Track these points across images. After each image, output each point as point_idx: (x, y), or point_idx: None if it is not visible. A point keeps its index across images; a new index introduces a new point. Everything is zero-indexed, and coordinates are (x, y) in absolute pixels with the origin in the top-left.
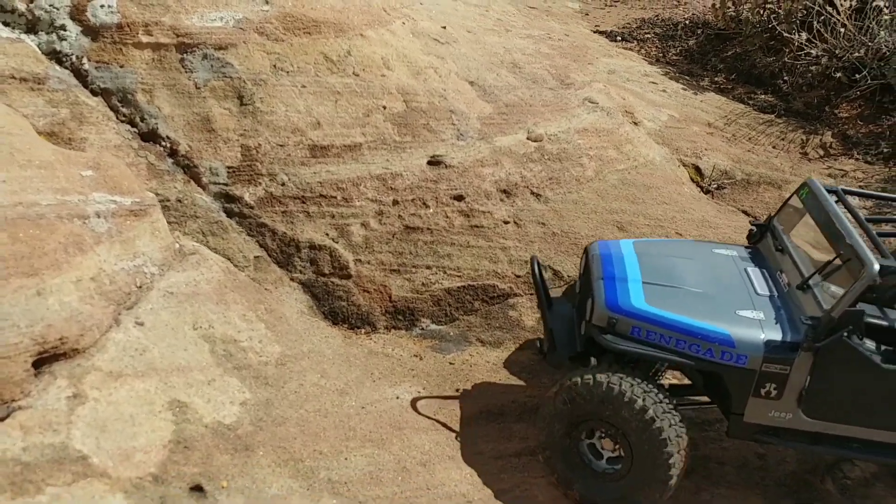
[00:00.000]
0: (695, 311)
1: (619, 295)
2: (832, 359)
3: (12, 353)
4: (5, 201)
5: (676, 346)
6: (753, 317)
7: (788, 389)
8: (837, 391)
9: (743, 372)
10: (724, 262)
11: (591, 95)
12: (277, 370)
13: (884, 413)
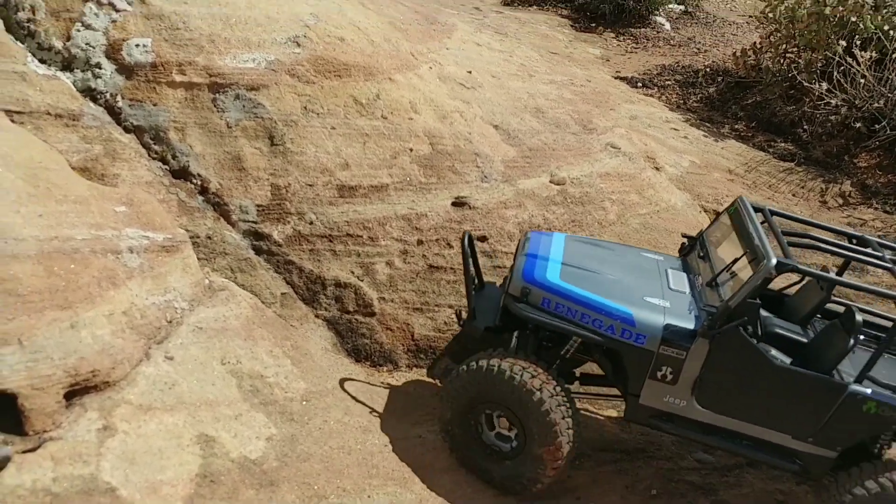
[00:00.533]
0: (603, 290)
1: (537, 269)
2: (726, 349)
3: (45, 384)
4: (42, 235)
5: (581, 319)
6: (659, 304)
7: (684, 376)
8: (729, 383)
9: (641, 352)
10: (647, 262)
11: (614, 140)
12: (302, 406)
13: (772, 411)
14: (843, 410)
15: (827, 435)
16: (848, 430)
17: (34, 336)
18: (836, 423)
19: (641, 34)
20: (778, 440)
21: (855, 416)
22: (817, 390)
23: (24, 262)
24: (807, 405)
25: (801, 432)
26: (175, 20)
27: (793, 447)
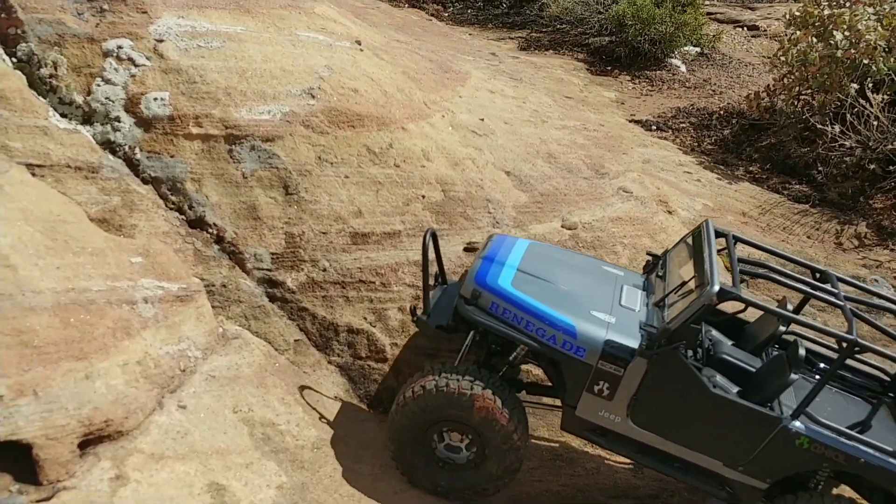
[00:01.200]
0: (551, 301)
1: (490, 273)
2: (663, 370)
3: (60, 434)
4: (59, 287)
5: (526, 327)
6: (604, 318)
7: (620, 392)
8: (664, 404)
9: (580, 364)
10: (605, 276)
11: (626, 185)
12: (313, 454)
13: (705, 437)
14: (776, 443)
15: (758, 466)
16: (779, 462)
17: (49, 387)
18: (768, 455)
19: (657, 76)
20: (709, 466)
21: (787, 450)
22: (751, 421)
23: (40, 315)
24: (740, 434)
25: (733, 460)
26: (192, 74)
27: (723, 474)
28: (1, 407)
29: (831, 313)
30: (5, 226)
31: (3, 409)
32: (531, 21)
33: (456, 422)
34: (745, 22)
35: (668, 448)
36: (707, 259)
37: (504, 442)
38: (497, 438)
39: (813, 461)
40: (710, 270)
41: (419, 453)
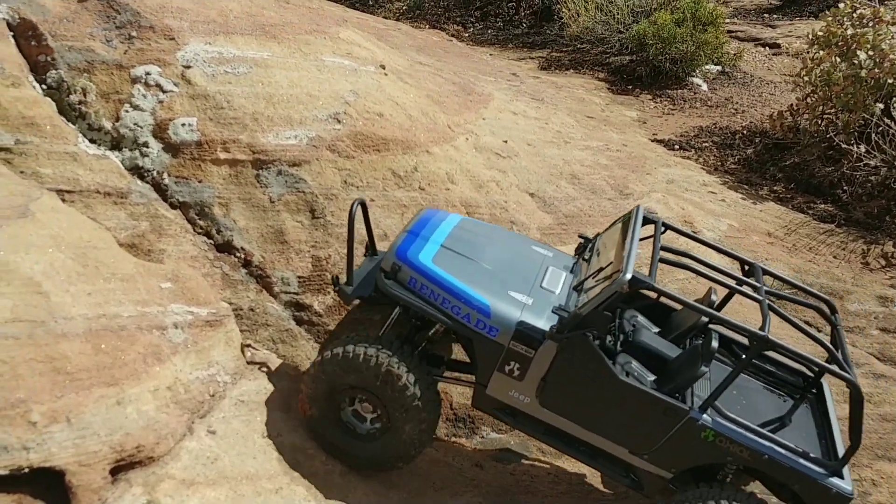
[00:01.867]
0: (469, 279)
1: (412, 247)
2: (573, 355)
3: (92, 461)
4: (90, 313)
5: (442, 304)
6: (521, 300)
7: (530, 374)
8: (573, 388)
9: (492, 344)
10: (532, 257)
11: (650, 205)
12: (342, 479)
13: (612, 423)
14: (682, 434)
15: (663, 455)
16: (684, 453)
17: (82, 413)
18: (673, 446)
19: (678, 95)
20: (614, 452)
21: (692, 442)
22: (658, 411)
23: (72, 341)
24: (646, 423)
25: (638, 448)
26: (219, 100)
27: (628, 461)
28: (34, 433)
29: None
30: (37, 252)
31: (37, 435)
32: (551, 41)
33: (363, 389)
34: (766, 40)
35: (575, 432)
36: (628, 246)
37: (407, 416)
38: (400, 412)
39: (718, 454)
40: (627, 258)
41: (326, 415)
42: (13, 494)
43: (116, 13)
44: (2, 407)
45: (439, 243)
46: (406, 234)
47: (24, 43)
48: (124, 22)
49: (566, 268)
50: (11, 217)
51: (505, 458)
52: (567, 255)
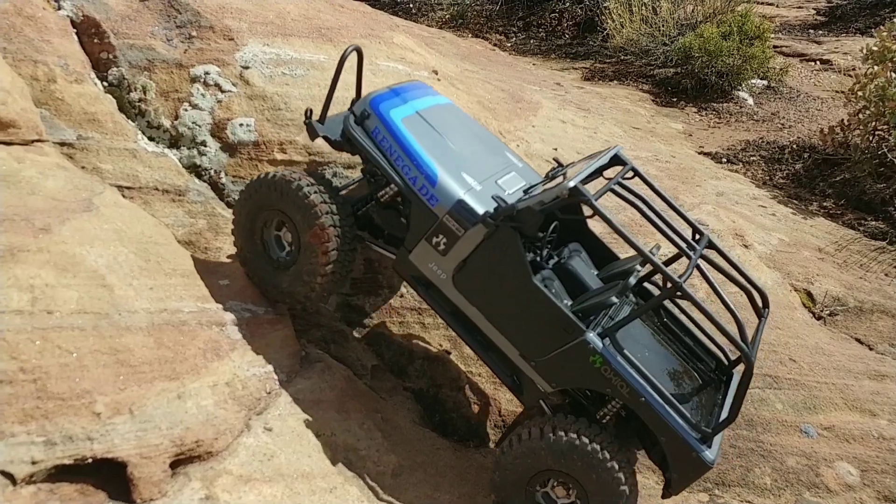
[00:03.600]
0: (429, 148)
1: (387, 102)
2: (498, 245)
3: (153, 453)
4: (152, 307)
5: (395, 161)
6: (470, 182)
7: (454, 252)
8: (488, 278)
9: (429, 212)
10: (501, 159)
11: (701, 217)
12: (393, 480)
13: (513, 322)
14: (572, 352)
15: (550, 367)
16: (568, 371)
17: (144, 406)
18: (561, 360)
19: (724, 109)
20: (506, 351)
21: (579, 363)
22: (558, 323)
23: (135, 334)
24: (544, 332)
25: (529, 353)
26: (277, 101)
27: (516, 363)
28: (98, 424)
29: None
30: (101, 246)
31: (101, 426)
32: (594, 52)
33: (284, 214)
34: (812, 55)
35: (477, 321)
36: (584, 168)
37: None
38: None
39: (599, 382)
40: (578, 175)
41: (250, 241)
42: (76, 484)
43: (177, 13)
44: (68, 397)
45: (416, 109)
46: (387, 90)
47: (86, 40)
48: (185, 21)
49: (529, 180)
50: (77, 210)
51: None
52: (537, 173)
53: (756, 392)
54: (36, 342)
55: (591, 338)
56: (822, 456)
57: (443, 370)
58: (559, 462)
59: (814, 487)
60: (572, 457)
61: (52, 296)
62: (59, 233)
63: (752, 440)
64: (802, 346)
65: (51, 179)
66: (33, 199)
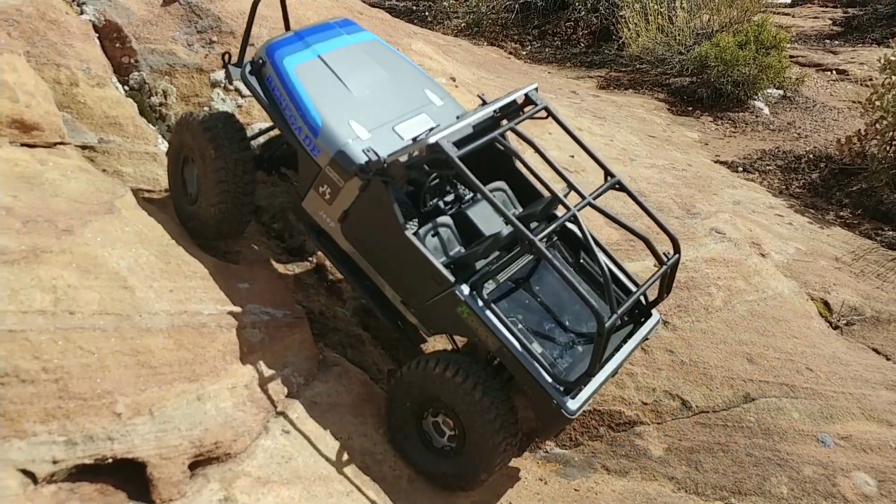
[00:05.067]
0: (318, 96)
1: (285, 49)
2: (372, 196)
3: (173, 454)
4: (173, 309)
5: (284, 110)
6: (358, 132)
7: (338, 201)
8: (369, 227)
9: (312, 163)
10: (414, 101)
11: (718, 226)
12: (409, 485)
13: (393, 271)
14: (443, 302)
15: (426, 315)
16: (442, 320)
17: (164, 407)
18: (434, 310)
19: (740, 118)
20: (391, 297)
21: (449, 313)
22: (428, 274)
23: (156, 336)
24: (418, 281)
25: (409, 301)
26: None
27: (400, 309)
28: (119, 424)
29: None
30: (123, 248)
31: (121, 426)
32: (610, 60)
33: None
34: (829, 66)
35: (364, 268)
36: (471, 116)
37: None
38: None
39: (468, 332)
40: (451, 124)
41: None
42: (95, 484)
43: (198, 18)
44: (89, 397)
45: (318, 54)
46: (292, 34)
47: (108, 45)
48: (205, 27)
49: (442, 120)
50: (99, 213)
51: (569, 473)
52: (462, 109)
53: (773, 401)
54: (58, 342)
55: (459, 290)
56: (839, 466)
57: None
58: (442, 394)
59: (831, 497)
60: (451, 390)
61: (74, 297)
62: (81, 234)
63: (769, 449)
64: (819, 355)
65: (73, 182)
66: (56, 201)
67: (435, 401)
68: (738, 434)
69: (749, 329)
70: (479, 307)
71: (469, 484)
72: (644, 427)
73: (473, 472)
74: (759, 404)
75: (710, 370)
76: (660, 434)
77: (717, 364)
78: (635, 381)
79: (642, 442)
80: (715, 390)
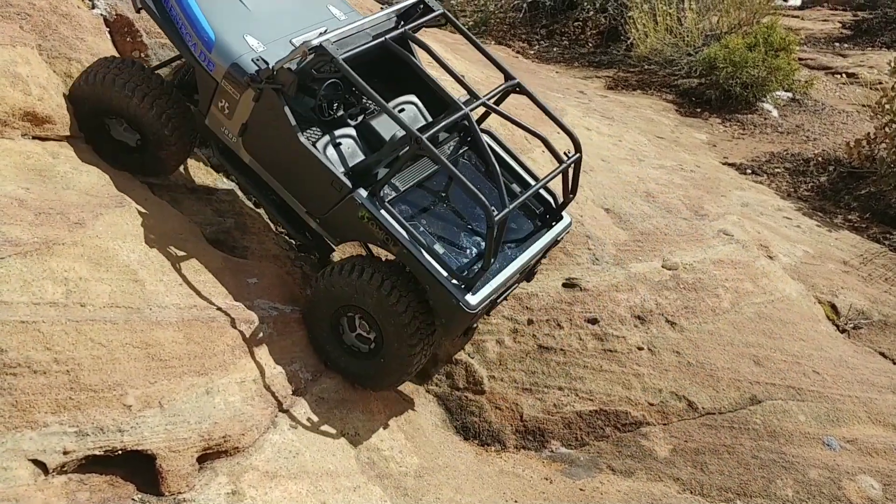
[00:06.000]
0: (214, 12)
1: None
2: (266, 106)
3: (181, 447)
4: (183, 303)
5: (180, 27)
6: (252, 45)
7: (236, 115)
8: (267, 138)
9: (209, 77)
10: (314, 16)
11: (726, 227)
12: (416, 482)
13: (295, 182)
14: (344, 208)
15: (330, 223)
16: (345, 227)
17: (173, 400)
18: (337, 217)
19: (748, 120)
20: (297, 209)
21: (351, 218)
22: (328, 180)
23: (166, 329)
24: (320, 189)
25: (313, 211)
26: None
27: (306, 221)
28: (129, 416)
29: None
30: (133, 241)
31: (131, 418)
32: (618, 61)
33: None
34: (838, 69)
35: (269, 181)
36: (364, 18)
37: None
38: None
39: (370, 236)
40: (342, 30)
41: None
42: (105, 475)
43: None
44: (100, 388)
45: None
46: None
47: (119, 39)
48: None
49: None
50: (110, 206)
51: (574, 473)
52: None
53: (779, 403)
54: (70, 334)
55: (358, 195)
56: (844, 469)
57: (466, 374)
58: (358, 298)
59: (836, 500)
60: (367, 294)
61: (85, 289)
62: (92, 227)
63: (775, 451)
64: (826, 358)
65: (84, 175)
66: (68, 194)
67: (351, 306)
68: (744, 436)
69: (756, 331)
70: (377, 211)
71: (388, 384)
72: (650, 428)
73: (392, 372)
74: (766, 406)
75: (717, 372)
76: (666, 435)
77: (724, 366)
78: (642, 382)
79: (648, 443)
80: (721, 392)
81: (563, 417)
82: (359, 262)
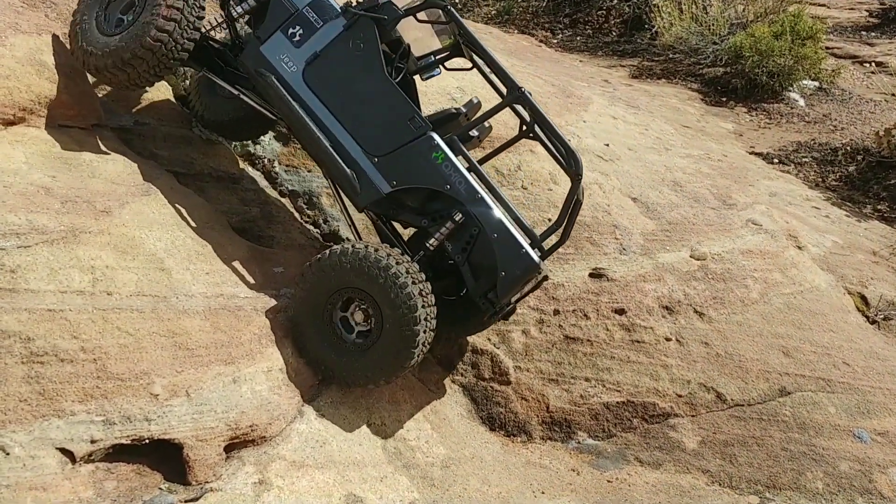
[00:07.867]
0: None
1: None
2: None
3: (209, 436)
4: (209, 292)
5: None
6: None
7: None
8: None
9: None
10: None
11: (755, 217)
12: (442, 472)
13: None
14: (416, 148)
15: (392, 164)
16: (410, 169)
17: (200, 389)
18: (404, 156)
19: (775, 110)
20: (349, 148)
21: (422, 160)
22: (408, 117)
23: (192, 318)
24: (392, 126)
25: (372, 149)
26: None
27: (357, 161)
28: (156, 405)
29: None
30: (160, 230)
31: (158, 407)
32: (642, 49)
33: None
34: (865, 57)
35: (321, 115)
36: None
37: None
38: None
39: (439, 180)
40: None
41: None
42: (132, 465)
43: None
44: (126, 377)
45: None
46: None
47: None
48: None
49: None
50: (136, 195)
51: (601, 465)
52: None
53: (809, 395)
54: (96, 323)
55: (435, 135)
56: (875, 461)
57: (491, 364)
58: (361, 279)
59: (867, 493)
60: (374, 276)
61: (112, 277)
62: (119, 216)
63: (805, 443)
64: (856, 349)
65: (110, 163)
66: (94, 182)
67: (349, 290)
68: (773, 428)
69: (785, 322)
70: (454, 155)
71: (382, 379)
72: (678, 419)
73: (387, 366)
74: (795, 398)
75: (746, 363)
76: (694, 427)
77: (753, 357)
78: (669, 373)
79: (676, 434)
80: (750, 383)
81: (589, 408)
82: (374, 244)
